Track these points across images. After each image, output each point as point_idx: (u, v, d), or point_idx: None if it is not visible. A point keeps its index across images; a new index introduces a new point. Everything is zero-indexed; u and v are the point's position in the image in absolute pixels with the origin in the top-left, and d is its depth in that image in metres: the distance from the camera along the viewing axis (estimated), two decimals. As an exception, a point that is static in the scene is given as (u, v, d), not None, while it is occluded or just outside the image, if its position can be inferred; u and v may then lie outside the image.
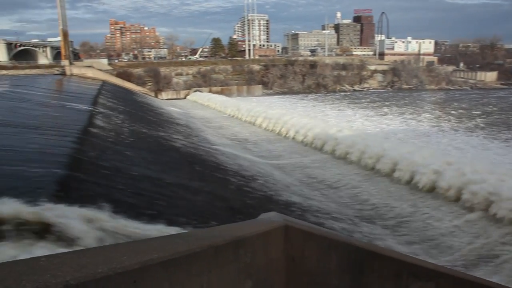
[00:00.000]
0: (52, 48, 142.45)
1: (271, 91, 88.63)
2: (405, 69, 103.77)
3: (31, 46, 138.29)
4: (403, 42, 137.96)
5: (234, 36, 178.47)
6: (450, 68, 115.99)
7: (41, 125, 16.16)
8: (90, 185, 9.24)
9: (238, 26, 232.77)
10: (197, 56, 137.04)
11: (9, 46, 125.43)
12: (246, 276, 3.81)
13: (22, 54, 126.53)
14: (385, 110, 52.93)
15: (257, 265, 4.02)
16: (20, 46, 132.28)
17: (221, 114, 47.19)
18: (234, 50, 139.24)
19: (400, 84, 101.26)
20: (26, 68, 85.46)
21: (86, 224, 6.19)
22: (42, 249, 5.21)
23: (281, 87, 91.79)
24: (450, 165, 16.14)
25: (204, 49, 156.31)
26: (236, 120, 41.67)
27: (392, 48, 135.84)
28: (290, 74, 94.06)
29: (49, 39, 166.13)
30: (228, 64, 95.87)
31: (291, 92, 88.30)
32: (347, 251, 4.51)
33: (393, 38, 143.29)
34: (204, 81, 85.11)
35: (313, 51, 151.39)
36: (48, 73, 72.12)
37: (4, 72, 79.31)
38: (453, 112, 49.93)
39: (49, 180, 8.22)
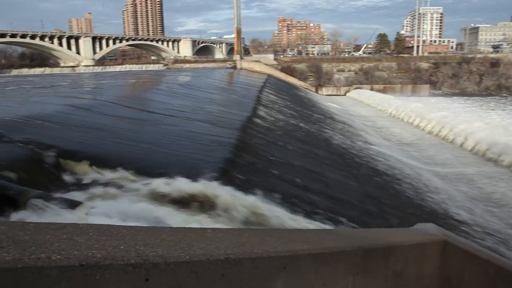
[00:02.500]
0: (227, 44, 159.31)
1: (439, 91, 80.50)
2: None
3: (210, 43, 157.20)
4: None
5: (402, 32, 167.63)
6: None
7: (213, 113, 18.26)
8: (250, 171, 10.03)
9: (407, 21, 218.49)
10: (360, 52, 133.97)
11: (194, 43, 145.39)
12: (393, 286, 3.61)
13: (202, 50, 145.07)
14: None
15: (407, 277, 3.76)
16: (202, 43, 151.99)
17: (382, 113, 45.17)
18: (401, 46, 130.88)
19: None
20: (205, 62, 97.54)
21: (241, 206, 6.77)
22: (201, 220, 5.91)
23: (451, 87, 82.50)
24: None
25: (368, 45, 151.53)
26: (397, 121, 39.36)
27: None
28: (464, 73, 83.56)
29: (225, 36, 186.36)
30: (393, 61, 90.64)
31: (463, 93, 78.52)
32: (521, 283, 3.83)
33: None
34: (365, 78, 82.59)
35: (496, 47, 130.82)
36: (222, 67, 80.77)
37: (188, 65, 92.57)
38: None
39: (214, 164, 9.25)
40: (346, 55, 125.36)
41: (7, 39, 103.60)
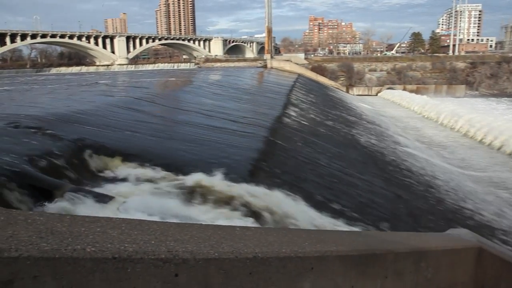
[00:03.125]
0: (257, 43, 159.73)
1: (476, 92, 77.43)
2: None
3: (241, 42, 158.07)
4: None
5: (437, 30, 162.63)
6: None
7: (243, 111, 18.36)
8: (278, 170, 10.02)
9: (443, 19, 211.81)
10: (393, 52, 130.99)
11: (225, 42, 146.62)
12: (424, 291, 3.50)
13: (233, 49, 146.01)
14: None
15: (438, 284, 3.65)
16: (232, 42, 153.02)
17: (414, 114, 44.02)
18: (436, 45, 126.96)
19: None
20: (235, 61, 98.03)
21: (269, 203, 6.78)
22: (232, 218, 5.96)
23: (489, 88, 79.13)
24: None
25: (402, 45, 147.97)
26: (430, 122, 38.25)
27: None
28: (503, 73, 79.92)
29: (256, 36, 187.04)
30: (427, 61, 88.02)
31: (502, 94, 75.15)
32: None
33: None
34: (398, 78, 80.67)
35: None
36: (252, 66, 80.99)
37: (218, 64, 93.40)
38: None
39: (243, 164, 9.30)
40: (379, 55, 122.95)
41: (48, 39, 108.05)
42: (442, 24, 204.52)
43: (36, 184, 6.02)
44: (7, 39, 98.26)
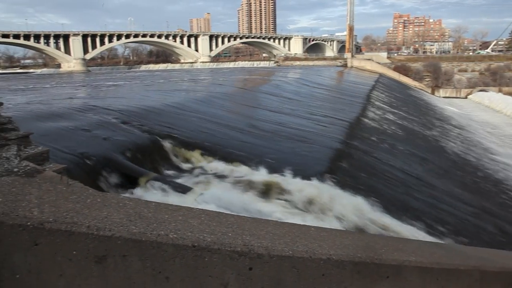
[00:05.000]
0: (338, 42, 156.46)
1: None
2: None
3: (321, 41, 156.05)
4: None
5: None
6: None
7: (321, 111, 18.14)
8: (354, 172, 9.75)
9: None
10: (488, 50, 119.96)
11: (305, 40, 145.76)
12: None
13: (313, 47, 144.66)
14: None
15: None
16: (312, 40, 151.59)
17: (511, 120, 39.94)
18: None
19: None
20: (314, 60, 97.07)
21: (345, 206, 6.63)
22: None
23: None
24: None
25: (499, 42, 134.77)
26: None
27: None
28: None
29: (337, 34, 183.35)
30: (530, 60, 79.18)
31: None
32: None
33: None
34: (493, 80, 73.56)
35: None
36: (332, 65, 79.58)
37: (297, 62, 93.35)
38: None
39: (320, 163, 9.20)
40: (471, 53, 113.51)
41: (139, 38, 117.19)
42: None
43: (125, 172, 6.55)
44: (106, 39, 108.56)
